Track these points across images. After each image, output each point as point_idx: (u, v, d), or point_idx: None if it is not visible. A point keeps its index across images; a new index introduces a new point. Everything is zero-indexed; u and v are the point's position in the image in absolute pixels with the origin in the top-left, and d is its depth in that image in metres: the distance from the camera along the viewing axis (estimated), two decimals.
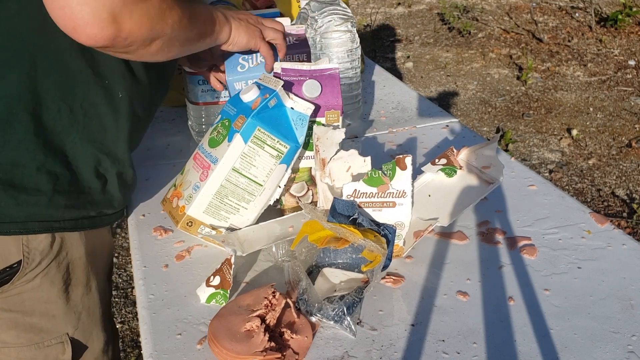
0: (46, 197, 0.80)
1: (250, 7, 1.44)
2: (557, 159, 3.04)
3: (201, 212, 0.87)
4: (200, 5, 0.84)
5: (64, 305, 0.89)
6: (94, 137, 0.83)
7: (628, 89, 3.70)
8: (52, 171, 0.80)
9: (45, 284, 0.86)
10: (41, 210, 0.81)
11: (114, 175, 0.88)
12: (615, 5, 4.91)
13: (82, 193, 0.84)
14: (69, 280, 0.89)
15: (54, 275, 0.86)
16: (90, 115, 0.82)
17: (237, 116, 0.87)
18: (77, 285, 0.90)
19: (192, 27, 0.78)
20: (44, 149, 0.78)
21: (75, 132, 0.81)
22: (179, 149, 1.24)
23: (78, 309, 0.91)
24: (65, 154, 0.81)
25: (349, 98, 1.28)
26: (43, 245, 0.83)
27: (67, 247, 0.87)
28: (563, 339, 0.73)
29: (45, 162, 0.79)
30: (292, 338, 0.72)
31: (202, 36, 0.83)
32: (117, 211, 0.93)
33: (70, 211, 0.84)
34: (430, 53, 4.40)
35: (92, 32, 0.64)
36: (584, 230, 0.93)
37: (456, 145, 1.04)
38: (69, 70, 0.78)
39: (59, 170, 0.80)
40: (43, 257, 0.84)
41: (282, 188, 0.92)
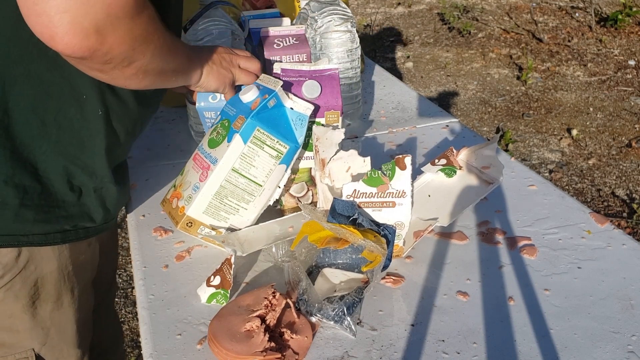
0: (12, 211, 0.78)
1: (250, 7, 1.44)
2: (557, 159, 3.04)
3: (201, 213, 0.87)
4: (180, 41, 0.84)
5: (30, 321, 0.86)
6: (67, 151, 0.80)
7: (628, 89, 3.70)
8: (21, 184, 0.77)
9: (8, 298, 0.83)
10: (6, 224, 0.78)
11: (90, 189, 0.85)
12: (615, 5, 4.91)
13: (54, 207, 0.82)
14: (36, 296, 0.86)
15: (19, 290, 0.83)
16: (64, 129, 0.79)
17: (236, 116, 0.87)
18: (47, 301, 0.87)
19: (170, 59, 0.77)
20: (12, 160, 0.76)
21: (47, 144, 0.78)
22: (179, 149, 1.24)
23: (46, 325, 0.88)
24: (35, 166, 0.78)
25: (349, 98, 1.28)
26: (7, 259, 0.81)
27: (35, 262, 0.84)
28: (563, 339, 0.73)
29: (14, 175, 0.76)
30: (292, 338, 0.72)
31: (176, 72, 0.81)
32: (99, 224, 0.90)
33: (40, 225, 0.81)
34: (430, 53, 4.40)
35: (71, 41, 0.61)
36: (584, 230, 0.93)
37: (456, 145, 1.04)
38: (41, 81, 0.75)
39: (28, 182, 0.78)
40: (6, 271, 0.81)
41: (282, 188, 0.92)
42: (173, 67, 0.79)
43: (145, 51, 0.69)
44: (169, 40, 0.74)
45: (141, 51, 0.69)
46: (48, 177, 0.80)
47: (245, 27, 1.24)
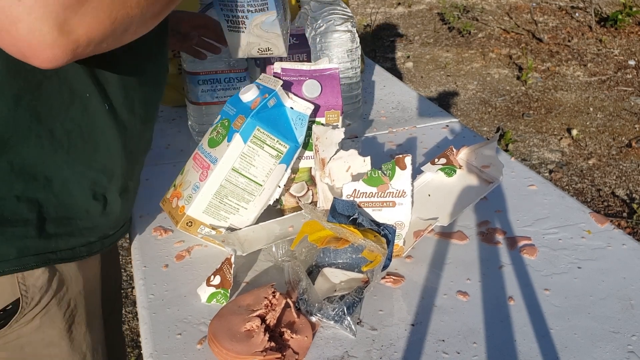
0: (33, 227, 0.72)
1: None
2: (557, 159, 3.04)
3: (201, 212, 0.87)
4: None
5: (68, 347, 0.81)
6: (82, 156, 0.74)
7: (628, 89, 3.70)
8: (34, 198, 0.72)
9: (45, 324, 0.78)
10: (33, 242, 0.73)
11: (115, 193, 0.80)
12: (615, 5, 4.91)
13: (75, 218, 0.77)
14: (71, 319, 0.81)
15: (55, 314, 0.78)
16: (74, 134, 0.72)
17: (236, 116, 0.87)
18: (80, 323, 0.83)
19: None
20: (23, 175, 0.70)
21: (60, 154, 0.72)
22: (179, 149, 1.24)
23: (82, 350, 0.84)
24: (49, 179, 0.72)
25: (349, 98, 1.28)
26: (41, 282, 0.76)
27: (67, 282, 0.79)
28: (563, 339, 0.73)
29: (26, 190, 0.71)
30: (292, 338, 0.72)
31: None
32: (119, 229, 0.85)
33: (64, 239, 0.76)
34: (430, 53, 4.40)
35: (43, 54, 0.53)
36: (584, 230, 0.93)
37: (456, 145, 1.04)
38: (41, 91, 0.68)
39: (42, 195, 0.72)
40: (42, 294, 0.76)
41: (282, 188, 0.92)
42: None
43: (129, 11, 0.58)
44: None
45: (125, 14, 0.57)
46: (67, 188, 0.74)
47: None
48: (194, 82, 1.20)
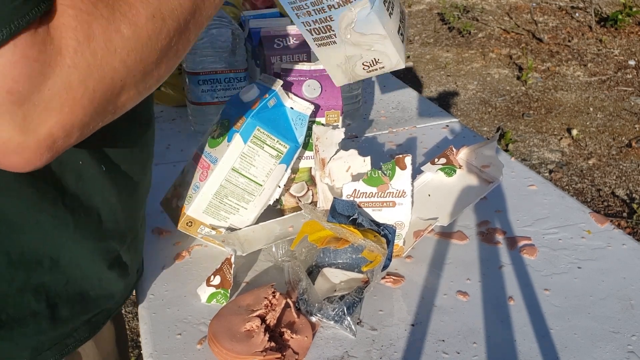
0: (46, 319, 0.63)
1: (250, 7, 1.44)
2: (557, 159, 3.04)
3: (201, 212, 0.87)
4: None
5: None
6: (89, 230, 0.64)
7: (628, 89, 3.70)
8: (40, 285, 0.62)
9: None
10: (47, 336, 0.64)
11: (128, 251, 0.71)
12: (615, 5, 4.91)
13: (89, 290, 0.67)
14: None
15: None
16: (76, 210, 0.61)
17: (236, 116, 0.87)
18: None
19: (171, 19, 0.47)
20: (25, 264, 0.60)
21: (65, 236, 0.62)
22: (179, 149, 1.24)
23: None
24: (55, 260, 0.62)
25: (349, 98, 1.28)
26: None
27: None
28: (563, 339, 0.73)
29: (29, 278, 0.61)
30: (292, 338, 0.72)
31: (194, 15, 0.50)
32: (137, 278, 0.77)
33: (79, 317, 0.67)
34: (430, 53, 4.40)
35: (12, 161, 0.42)
36: (584, 230, 0.93)
37: (456, 145, 1.04)
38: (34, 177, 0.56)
39: (49, 279, 0.62)
40: None
41: (282, 188, 0.92)
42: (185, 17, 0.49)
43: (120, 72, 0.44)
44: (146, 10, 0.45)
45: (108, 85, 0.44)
46: (77, 264, 0.64)
47: (245, 27, 1.24)
48: (194, 82, 1.20)
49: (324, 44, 0.71)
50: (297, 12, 0.68)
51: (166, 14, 0.46)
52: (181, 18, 0.48)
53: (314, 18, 0.68)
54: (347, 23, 0.67)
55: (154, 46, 0.46)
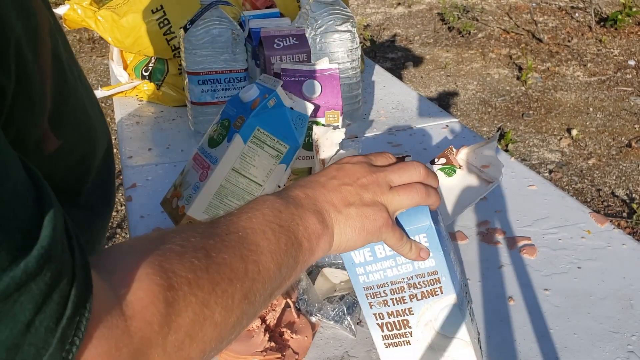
0: None
1: (250, 7, 1.44)
2: (557, 159, 3.04)
3: (201, 213, 0.87)
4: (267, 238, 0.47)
5: None
6: None
7: (628, 89, 3.70)
8: None
9: None
10: None
11: None
12: (615, 5, 4.91)
13: None
14: None
15: None
16: None
17: (236, 116, 0.87)
18: None
19: (257, 297, 0.45)
20: None
21: None
22: (180, 149, 1.24)
23: None
24: None
25: (349, 98, 1.28)
26: None
27: None
28: (563, 339, 0.73)
29: None
30: (292, 338, 0.72)
31: (282, 284, 0.49)
32: None
33: None
34: (430, 53, 4.40)
35: None
36: (584, 230, 0.93)
37: (456, 145, 1.04)
38: None
39: None
40: None
41: (282, 188, 0.92)
42: (270, 291, 0.47)
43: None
44: (237, 290, 0.42)
45: None
46: None
47: (245, 27, 1.24)
48: (194, 82, 1.20)
49: (394, 343, 0.62)
50: (370, 300, 0.61)
51: (257, 295, 0.44)
52: (267, 299, 0.46)
53: (390, 309, 0.60)
54: (429, 319, 0.60)
55: (236, 331, 0.44)
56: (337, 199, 0.53)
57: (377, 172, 0.56)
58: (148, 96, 1.46)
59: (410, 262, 0.58)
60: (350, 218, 0.53)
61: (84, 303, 0.35)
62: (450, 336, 0.60)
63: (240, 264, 0.43)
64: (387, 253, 0.58)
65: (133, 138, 1.29)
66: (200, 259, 0.41)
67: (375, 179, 0.55)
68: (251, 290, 0.44)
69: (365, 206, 0.53)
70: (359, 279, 0.60)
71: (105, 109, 3.31)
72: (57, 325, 0.33)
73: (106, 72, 3.99)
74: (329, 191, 0.54)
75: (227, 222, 0.46)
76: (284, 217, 0.49)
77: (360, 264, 0.59)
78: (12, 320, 0.31)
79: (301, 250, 0.49)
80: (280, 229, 0.48)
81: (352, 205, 0.53)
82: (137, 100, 1.47)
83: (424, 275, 0.58)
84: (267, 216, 0.48)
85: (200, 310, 0.40)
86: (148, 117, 1.39)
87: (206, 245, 0.42)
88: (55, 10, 1.33)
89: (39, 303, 0.32)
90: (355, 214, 0.53)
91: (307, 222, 0.50)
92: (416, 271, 0.58)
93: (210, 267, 0.41)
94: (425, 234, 0.57)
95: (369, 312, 0.62)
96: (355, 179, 0.55)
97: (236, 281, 0.42)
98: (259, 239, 0.46)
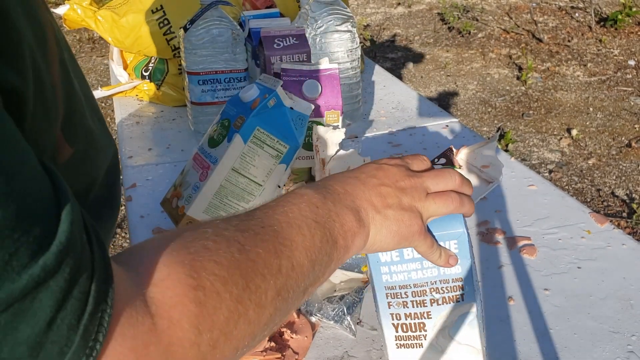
0: None
1: (250, 7, 1.44)
2: (557, 159, 3.04)
3: (201, 213, 0.87)
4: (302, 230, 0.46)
5: None
6: None
7: (628, 89, 3.70)
8: None
9: None
10: None
11: None
12: (615, 5, 4.91)
13: None
14: None
15: None
16: None
17: (236, 116, 0.87)
18: None
19: (290, 294, 0.44)
20: None
21: None
22: (179, 149, 1.24)
23: None
24: None
25: (349, 98, 1.28)
26: None
27: None
28: (563, 339, 0.73)
29: None
30: (292, 338, 0.72)
31: (316, 281, 0.48)
32: None
33: None
34: (430, 53, 4.40)
35: None
36: (584, 230, 0.93)
37: (456, 145, 1.04)
38: None
39: None
40: None
41: (282, 188, 0.92)
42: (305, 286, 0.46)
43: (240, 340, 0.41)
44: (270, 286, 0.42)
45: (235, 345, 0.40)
46: None
47: (245, 27, 1.24)
48: (194, 82, 1.20)
49: (407, 345, 0.61)
50: (390, 300, 0.61)
51: (290, 292, 0.44)
52: (300, 296, 0.46)
53: (409, 311, 0.60)
54: (445, 325, 0.60)
55: (269, 328, 0.43)
56: (376, 198, 0.53)
57: (415, 177, 0.55)
58: (148, 96, 1.46)
59: (436, 267, 0.58)
60: (387, 219, 0.52)
61: (104, 298, 0.34)
62: (463, 343, 0.61)
63: (274, 260, 0.43)
64: (415, 255, 0.58)
65: (133, 138, 1.30)
66: (233, 253, 0.40)
67: (414, 184, 0.55)
68: (284, 286, 0.43)
69: (402, 210, 0.53)
70: (382, 278, 0.60)
71: (105, 109, 3.31)
72: (79, 322, 0.33)
73: (106, 72, 3.99)
74: (368, 189, 0.53)
75: (262, 214, 0.46)
76: (320, 212, 0.48)
77: (385, 263, 0.59)
78: (33, 318, 0.31)
79: (336, 247, 0.49)
80: (316, 225, 0.47)
81: (390, 207, 0.53)
82: (137, 100, 1.47)
83: (449, 281, 0.59)
84: (303, 211, 0.48)
85: (234, 307, 0.39)
86: (148, 117, 1.39)
87: (240, 238, 0.42)
88: (55, 10, 1.33)
89: (60, 300, 0.32)
90: (392, 217, 0.53)
91: (343, 219, 0.50)
92: (441, 276, 0.59)
93: (244, 263, 0.40)
94: (456, 241, 0.58)
95: (386, 311, 0.62)
96: (395, 181, 0.54)
97: (270, 277, 0.42)
98: (294, 234, 0.45)
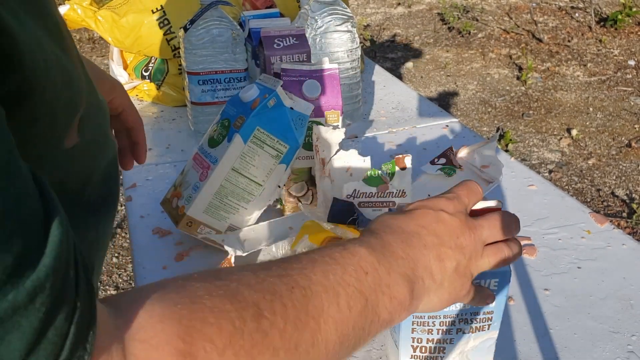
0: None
1: (250, 7, 1.44)
2: (557, 159, 3.04)
3: (201, 212, 0.87)
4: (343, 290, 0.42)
5: None
6: None
7: (628, 89, 3.70)
8: None
9: None
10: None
11: None
12: (615, 5, 4.91)
13: None
14: None
15: None
16: None
17: (236, 116, 0.87)
18: None
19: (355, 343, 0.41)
20: None
21: None
22: (179, 149, 1.24)
23: None
24: None
25: (349, 98, 1.28)
26: None
27: None
28: (563, 339, 0.73)
29: None
30: None
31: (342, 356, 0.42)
32: None
33: None
34: (430, 53, 4.40)
35: None
36: (584, 230, 0.93)
37: (456, 145, 1.04)
38: None
39: None
40: None
41: (282, 188, 0.92)
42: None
43: None
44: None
45: None
46: None
47: (245, 27, 1.24)
48: (194, 82, 1.20)
49: (418, 356, 0.62)
50: (415, 326, 0.60)
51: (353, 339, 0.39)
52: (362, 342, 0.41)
53: (432, 337, 0.60)
54: (465, 349, 0.62)
55: None
56: (436, 265, 0.48)
57: (474, 230, 0.52)
58: (148, 96, 1.46)
59: None
60: (441, 288, 0.49)
61: (84, 343, 0.31)
62: None
63: (293, 332, 0.37)
64: None
65: None
66: (246, 321, 0.35)
67: (473, 240, 0.51)
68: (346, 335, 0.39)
69: (457, 276, 0.50)
70: None
71: None
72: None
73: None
74: (429, 252, 0.49)
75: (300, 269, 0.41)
76: (369, 280, 0.43)
77: None
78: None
79: (377, 321, 0.44)
80: (358, 296, 0.42)
81: (446, 273, 0.49)
82: (137, 100, 1.47)
83: (479, 313, 0.59)
84: (348, 275, 0.42)
85: None
86: (148, 117, 1.39)
87: (260, 301, 0.37)
88: None
89: (31, 342, 0.28)
90: (447, 285, 0.49)
91: (396, 292, 0.45)
92: (473, 309, 0.58)
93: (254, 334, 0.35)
94: (497, 280, 0.57)
95: (408, 335, 0.60)
96: (455, 238, 0.50)
97: (283, 353, 0.37)
98: (327, 303, 0.40)
